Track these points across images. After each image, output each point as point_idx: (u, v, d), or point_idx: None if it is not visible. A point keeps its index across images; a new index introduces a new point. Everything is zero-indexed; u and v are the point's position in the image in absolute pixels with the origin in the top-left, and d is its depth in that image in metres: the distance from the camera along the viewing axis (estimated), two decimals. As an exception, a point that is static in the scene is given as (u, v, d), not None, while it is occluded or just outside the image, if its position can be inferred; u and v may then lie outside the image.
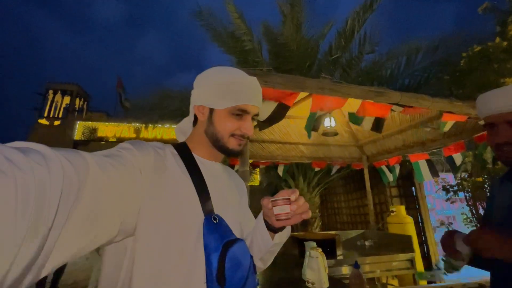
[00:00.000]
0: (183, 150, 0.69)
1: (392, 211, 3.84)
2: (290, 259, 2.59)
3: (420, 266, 3.47)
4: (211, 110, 0.70)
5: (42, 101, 15.22)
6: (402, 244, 2.81)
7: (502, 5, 3.83)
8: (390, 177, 3.96)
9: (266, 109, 1.74)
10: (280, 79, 1.53)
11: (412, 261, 2.61)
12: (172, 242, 0.56)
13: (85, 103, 16.93)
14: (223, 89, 0.69)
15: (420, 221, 4.47)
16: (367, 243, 3.16)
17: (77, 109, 15.88)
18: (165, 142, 0.68)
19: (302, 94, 2.18)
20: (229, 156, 0.74)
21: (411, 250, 2.67)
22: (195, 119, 0.75)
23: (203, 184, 0.64)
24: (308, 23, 4.93)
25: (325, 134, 3.06)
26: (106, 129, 13.31)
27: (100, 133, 13.25)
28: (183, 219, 0.58)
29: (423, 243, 4.29)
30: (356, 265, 1.23)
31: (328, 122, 2.96)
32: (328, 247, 2.58)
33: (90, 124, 13.40)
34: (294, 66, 4.55)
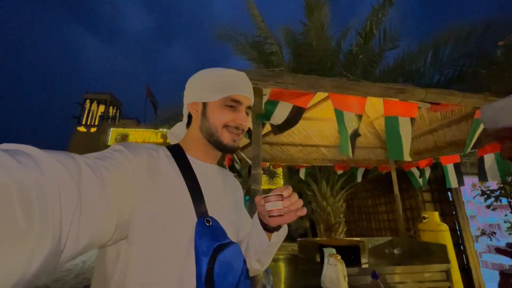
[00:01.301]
0: (176, 152, 0.68)
1: (424, 218, 3.55)
2: (311, 265, 2.51)
3: (457, 278, 3.17)
4: (204, 105, 0.71)
5: (80, 110, 16.55)
6: (435, 253, 2.59)
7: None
8: (421, 181, 3.68)
9: (281, 113, 1.70)
10: (292, 79, 1.48)
11: (447, 273, 2.39)
12: (165, 245, 0.55)
13: (118, 111, 18.14)
14: (214, 82, 0.70)
15: (458, 229, 4.09)
16: (396, 251, 2.95)
17: (110, 116, 17.05)
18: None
19: (321, 95, 2.10)
20: (224, 152, 0.72)
21: (446, 260, 2.44)
22: (189, 120, 0.75)
23: (196, 186, 0.63)
24: (330, 23, 4.81)
25: (346, 135, 2.93)
26: (136, 134, 14.16)
27: (131, 139, 14.12)
28: (177, 222, 0.57)
29: (461, 253, 3.91)
30: (374, 275, 1.13)
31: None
32: (352, 254, 2.45)
33: (122, 130, 14.35)
34: (316, 67, 4.45)
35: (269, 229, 0.69)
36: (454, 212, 4.19)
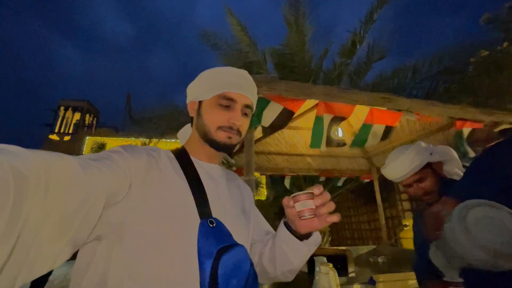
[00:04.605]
0: (180, 153, 0.67)
1: (405, 226, 3.67)
2: (298, 276, 2.46)
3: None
4: (200, 104, 0.69)
5: (53, 118, 15.73)
6: (418, 260, 2.64)
7: (502, 15, 3.86)
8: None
9: (271, 114, 1.69)
10: (286, 86, 1.50)
11: (430, 279, 2.44)
12: (163, 248, 0.52)
13: (95, 119, 17.45)
14: (209, 80, 0.68)
15: (435, 236, 4.24)
16: (380, 259, 2.98)
17: (86, 124, 16.33)
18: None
19: (309, 104, 2.13)
20: (221, 151, 0.68)
21: (429, 267, 2.50)
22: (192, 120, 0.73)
23: (200, 187, 0.60)
24: (312, 37, 5.02)
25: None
26: (115, 143, 13.55)
27: (108, 148, 13.51)
28: (177, 223, 0.54)
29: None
30: (371, 281, 1.12)
31: (335, 132, 2.89)
32: (339, 264, 2.44)
33: (98, 139, 13.71)
34: (299, 77, 4.59)
35: (298, 237, 0.63)
36: (432, 220, 4.35)
